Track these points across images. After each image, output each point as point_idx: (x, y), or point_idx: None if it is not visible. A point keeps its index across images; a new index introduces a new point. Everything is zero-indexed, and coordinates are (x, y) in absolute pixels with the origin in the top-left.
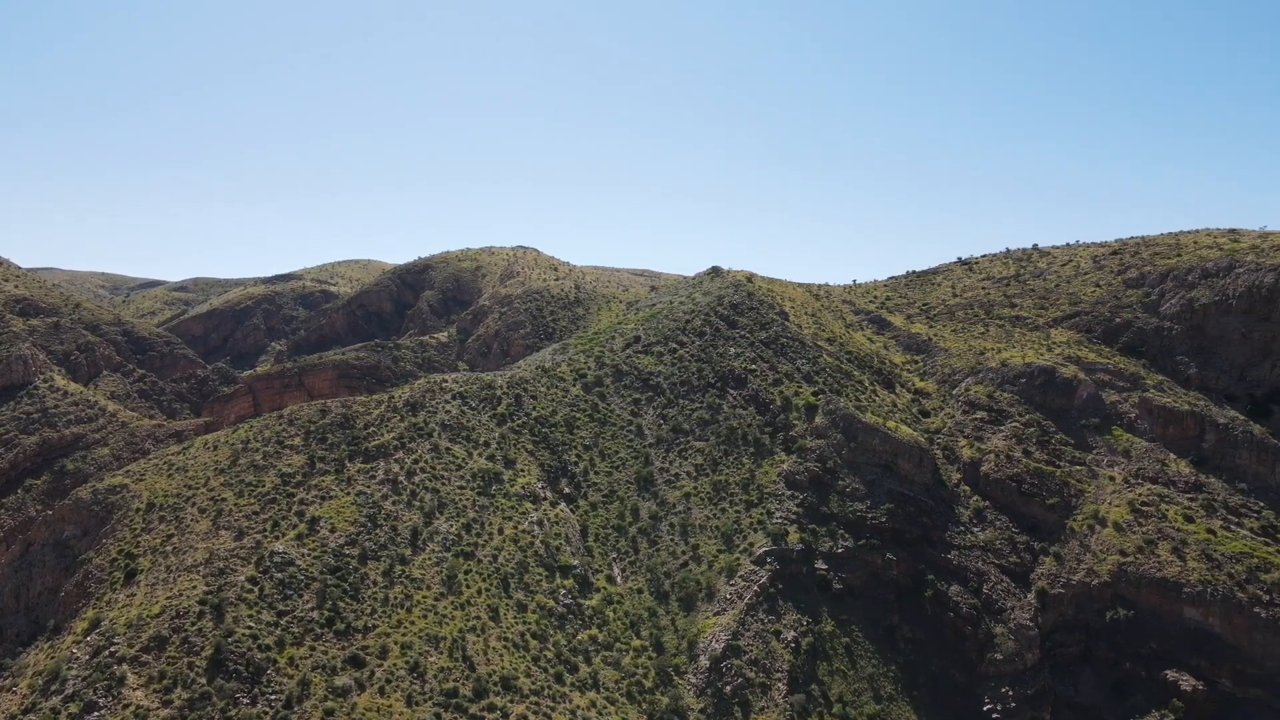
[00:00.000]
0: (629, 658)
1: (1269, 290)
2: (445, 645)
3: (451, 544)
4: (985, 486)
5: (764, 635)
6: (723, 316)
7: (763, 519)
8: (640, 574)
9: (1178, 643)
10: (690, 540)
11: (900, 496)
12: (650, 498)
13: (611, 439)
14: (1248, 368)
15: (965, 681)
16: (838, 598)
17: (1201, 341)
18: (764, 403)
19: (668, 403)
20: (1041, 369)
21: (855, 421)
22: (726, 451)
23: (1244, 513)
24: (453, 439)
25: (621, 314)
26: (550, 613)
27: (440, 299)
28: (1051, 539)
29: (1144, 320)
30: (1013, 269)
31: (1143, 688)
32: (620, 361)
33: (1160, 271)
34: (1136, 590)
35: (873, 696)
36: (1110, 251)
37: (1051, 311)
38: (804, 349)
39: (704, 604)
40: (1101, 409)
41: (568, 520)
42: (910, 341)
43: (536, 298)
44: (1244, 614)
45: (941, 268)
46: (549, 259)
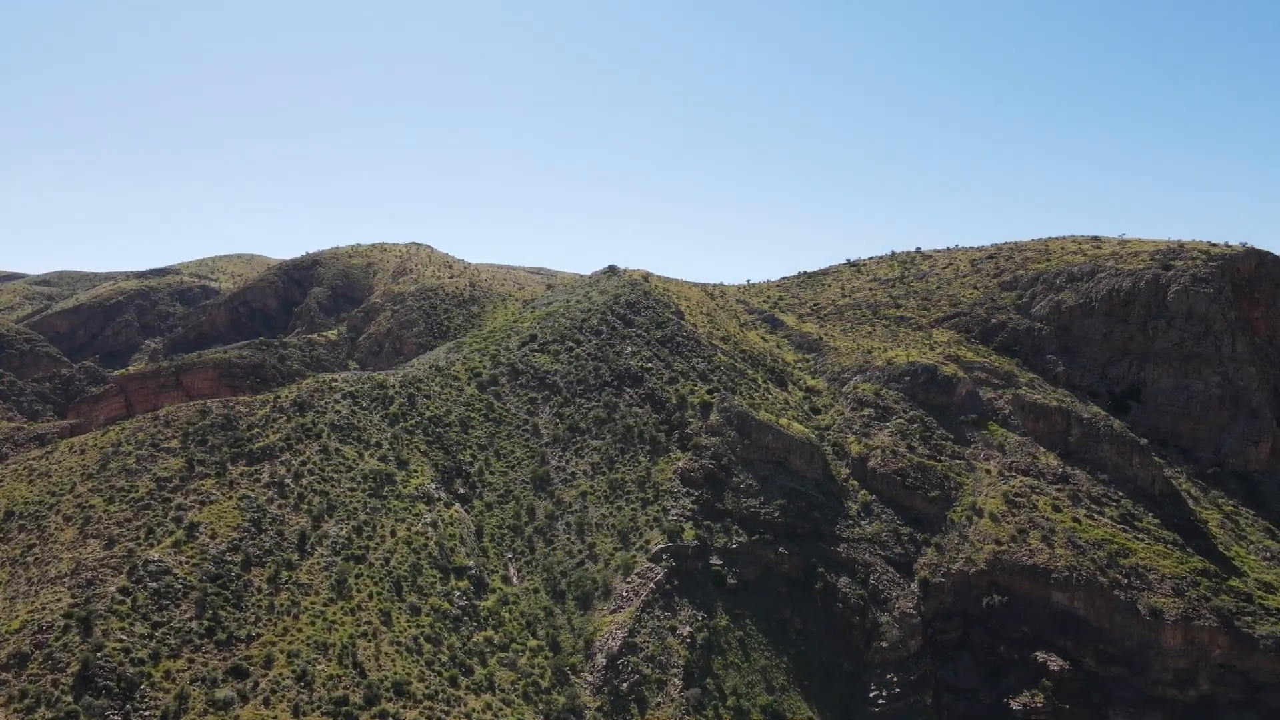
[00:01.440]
0: (525, 658)
1: (1127, 294)
2: (335, 652)
3: (341, 548)
4: (872, 481)
5: (660, 632)
6: (619, 315)
7: (659, 516)
8: (537, 574)
9: (1047, 626)
10: (587, 539)
11: (792, 492)
12: (546, 497)
13: (507, 438)
14: (1108, 366)
15: (853, 669)
16: (732, 592)
17: (1068, 341)
18: (660, 401)
19: (564, 401)
20: (924, 367)
21: (749, 419)
22: (623, 450)
23: (1105, 502)
24: (343, 440)
25: (518, 312)
26: (445, 615)
27: (330, 296)
28: (933, 530)
29: (1017, 321)
30: (898, 271)
31: (1016, 669)
32: (516, 360)
33: (1031, 275)
34: (1010, 577)
35: (765, 688)
36: (987, 256)
37: (933, 312)
38: (699, 348)
39: (601, 602)
40: (979, 405)
41: (462, 521)
42: (802, 341)
43: (430, 295)
44: (1105, 597)
45: (831, 269)
46: (443, 256)
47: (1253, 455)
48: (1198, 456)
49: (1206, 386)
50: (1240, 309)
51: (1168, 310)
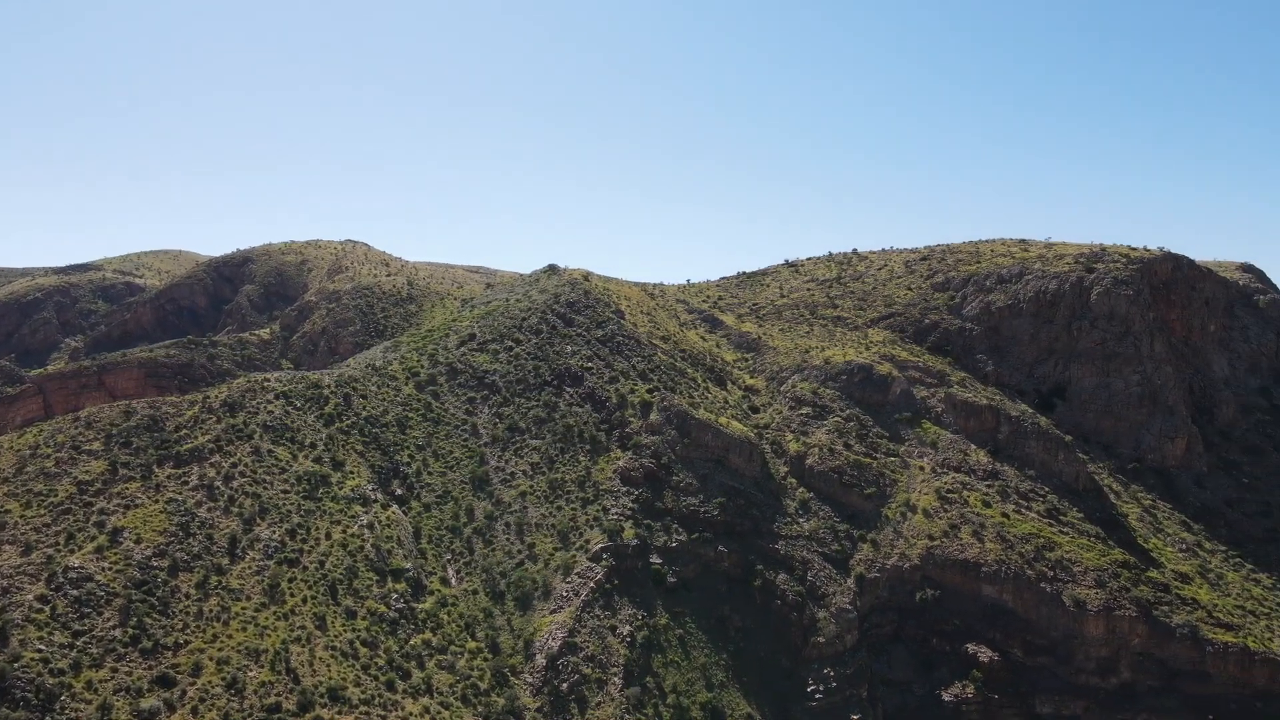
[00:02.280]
0: (464, 660)
1: (1052, 295)
2: (267, 658)
3: (274, 551)
4: (810, 479)
5: (600, 631)
6: (559, 315)
7: (599, 516)
8: (476, 575)
9: (977, 618)
10: (526, 539)
11: (732, 490)
12: (486, 497)
13: (445, 438)
14: (1035, 365)
15: (791, 665)
16: (672, 591)
17: (997, 341)
18: (600, 400)
19: (503, 401)
20: (860, 366)
21: (689, 418)
22: (563, 449)
23: (1032, 497)
24: (276, 441)
25: (456, 311)
26: (381, 618)
27: (262, 294)
28: (869, 526)
29: (949, 321)
30: (835, 272)
31: (947, 661)
32: (455, 359)
33: (963, 276)
34: (942, 571)
35: (705, 685)
36: (920, 257)
37: (869, 312)
38: (639, 347)
39: (540, 603)
40: (913, 404)
41: (400, 522)
42: (741, 340)
43: (367, 294)
44: (1032, 589)
45: (770, 269)
46: (380, 254)
47: (1169, 451)
48: (1119, 452)
49: (1127, 385)
50: (1158, 310)
51: (1091, 311)
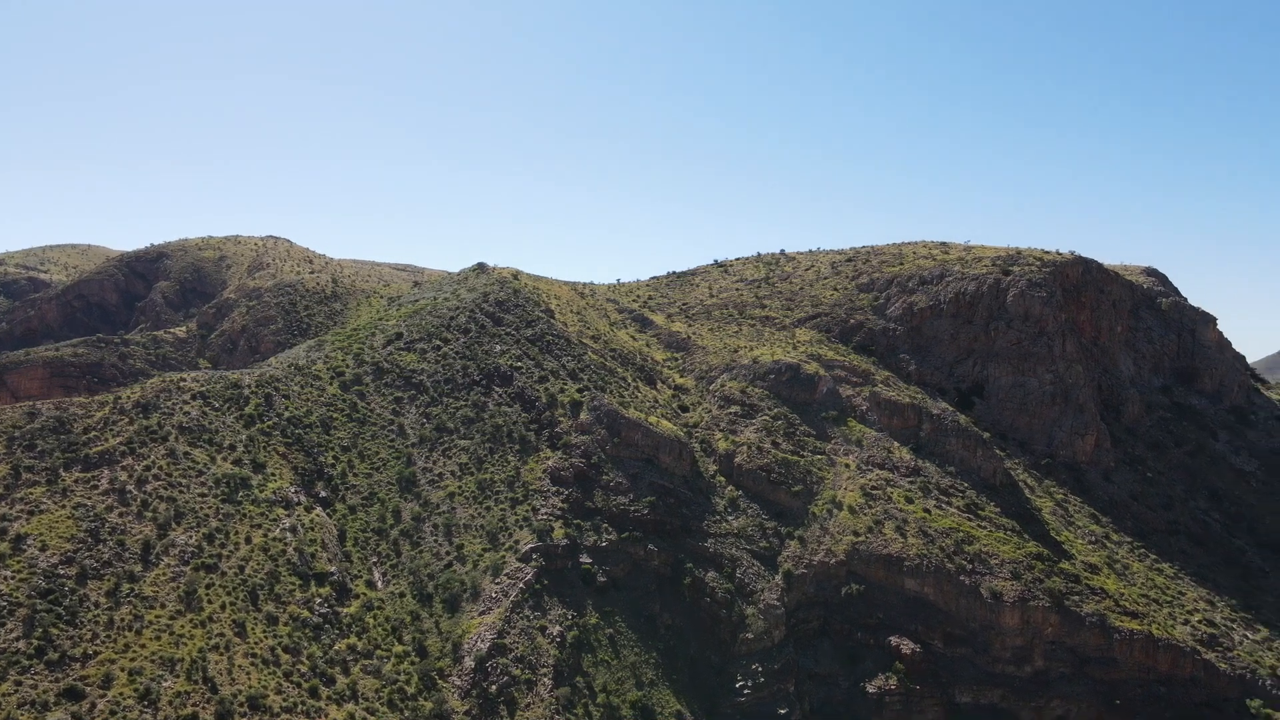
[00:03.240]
0: (390, 664)
1: (971, 297)
2: (183, 668)
3: (190, 557)
4: (739, 476)
5: (530, 632)
6: (488, 314)
7: (528, 516)
8: (403, 577)
9: (900, 612)
10: (455, 540)
11: (661, 489)
12: (413, 498)
13: (371, 439)
14: (955, 365)
15: (720, 661)
16: (602, 590)
17: (919, 341)
18: (529, 400)
19: (431, 401)
20: (788, 366)
21: (619, 417)
22: (492, 449)
23: (953, 493)
24: (193, 443)
25: (383, 310)
26: (304, 624)
27: (178, 290)
28: (796, 523)
29: (873, 322)
30: (763, 272)
31: (871, 654)
32: (381, 359)
33: (887, 278)
34: (867, 567)
35: (635, 684)
36: (846, 259)
37: (796, 312)
38: (569, 346)
39: (469, 604)
40: (839, 402)
41: (324, 525)
42: (671, 339)
43: (289, 291)
44: (952, 582)
45: (700, 269)
46: (303, 250)
47: (1079, 447)
48: (1033, 449)
49: (1040, 384)
50: (1069, 312)
51: (1007, 312)
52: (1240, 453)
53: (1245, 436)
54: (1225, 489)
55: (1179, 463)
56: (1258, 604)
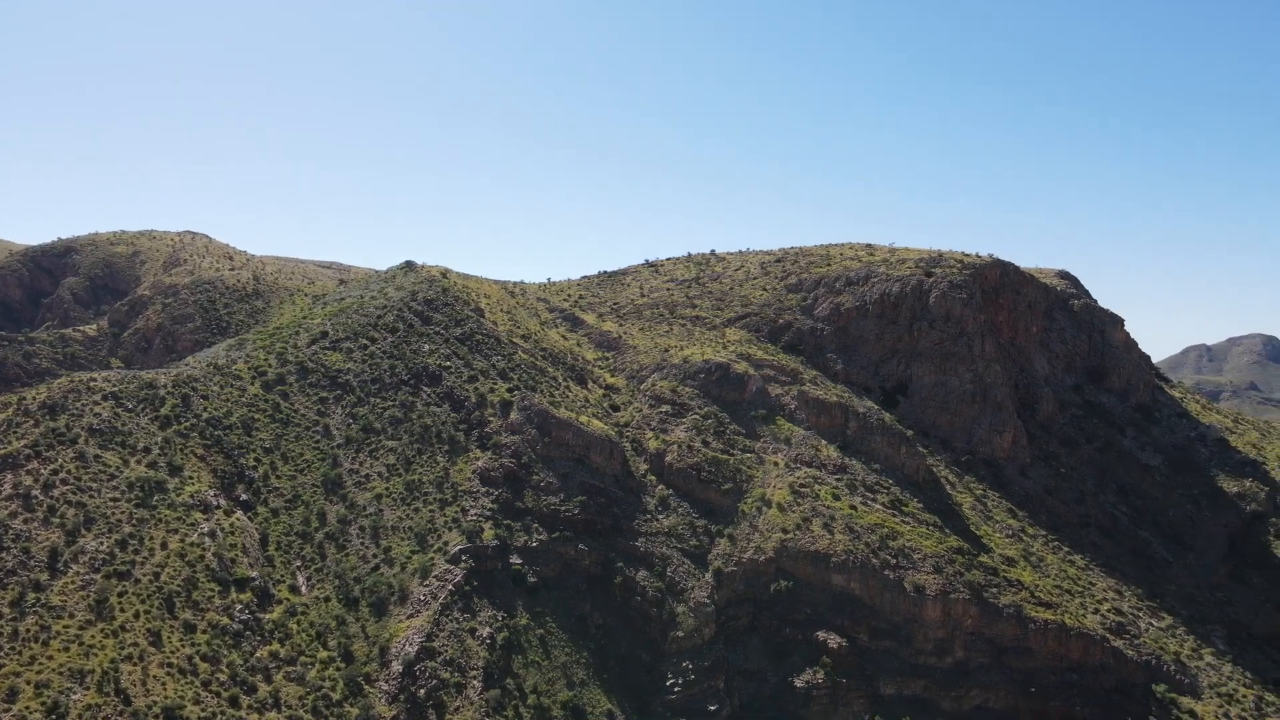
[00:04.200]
0: (315, 671)
1: (895, 298)
2: (94, 679)
3: (102, 564)
4: (669, 475)
5: (459, 634)
6: (416, 312)
7: (457, 517)
8: (328, 581)
9: (827, 607)
10: (382, 543)
11: (592, 489)
12: (339, 501)
13: (295, 440)
14: (881, 364)
15: (651, 659)
16: (532, 590)
17: (846, 341)
18: (459, 400)
19: (358, 401)
20: (718, 365)
21: (549, 417)
22: (420, 450)
23: (878, 489)
24: (104, 445)
25: (307, 308)
26: (224, 631)
27: (88, 287)
28: (726, 521)
29: (801, 322)
30: (693, 272)
31: (799, 649)
32: (305, 358)
33: (814, 279)
34: (795, 563)
35: (566, 684)
36: (775, 259)
37: (726, 312)
38: (499, 346)
39: (397, 607)
40: (768, 401)
41: (245, 529)
42: (602, 339)
43: (208, 288)
44: (877, 577)
45: (631, 269)
46: (222, 246)
47: (997, 444)
48: (954, 446)
49: (961, 383)
50: (988, 313)
51: (929, 313)
52: (1146, 448)
53: (1150, 433)
54: (1132, 483)
55: (1089, 458)
56: (1162, 593)
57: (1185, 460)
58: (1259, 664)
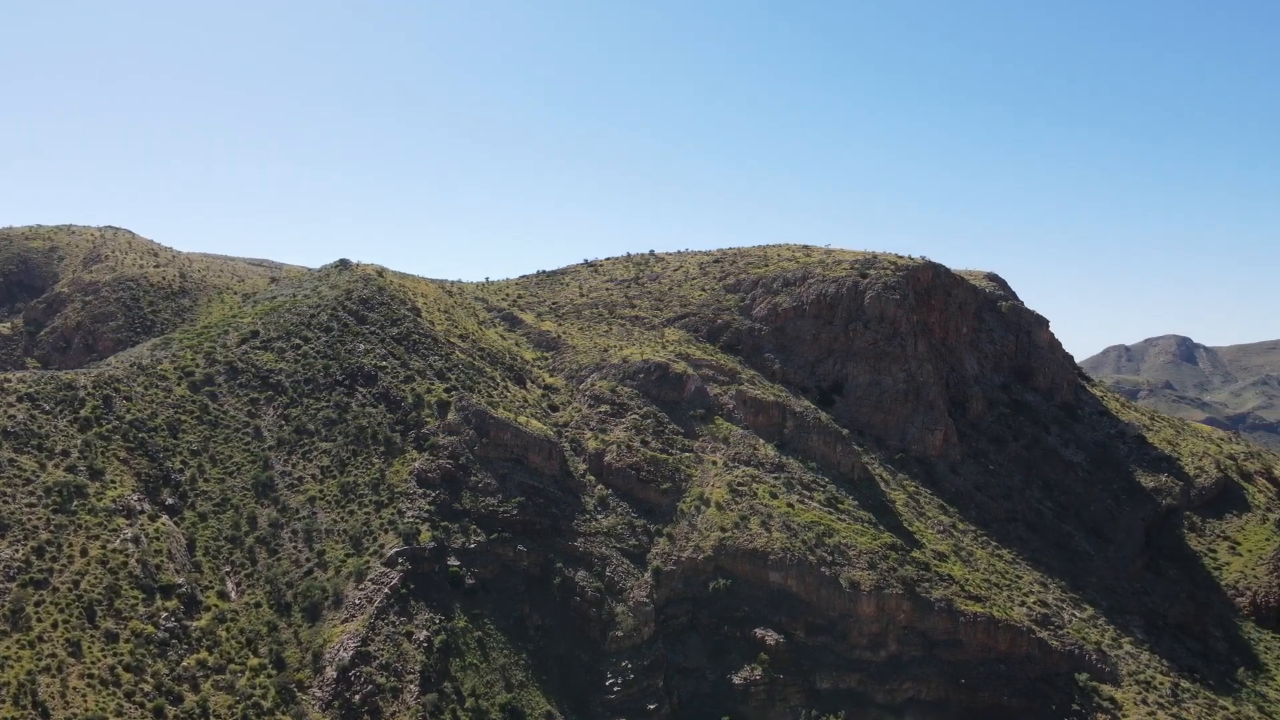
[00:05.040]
0: (245, 679)
1: (832, 299)
2: (9, 692)
3: (17, 572)
4: (608, 475)
5: (395, 638)
6: (351, 312)
7: (394, 519)
8: (259, 586)
9: (764, 604)
10: (316, 546)
11: (531, 489)
12: (270, 504)
13: (225, 442)
14: (817, 364)
15: (590, 660)
16: (471, 593)
17: (783, 341)
18: (395, 400)
19: (290, 402)
20: (657, 365)
21: (487, 417)
22: (355, 452)
23: (814, 487)
24: (19, 448)
25: (237, 307)
26: (149, 640)
27: (1, 284)
28: (665, 521)
29: (740, 322)
30: (633, 272)
31: (737, 647)
32: (235, 358)
33: (752, 279)
34: (733, 561)
35: (504, 686)
36: (714, 260)
37: (665, 312)
38: (437, 346)
39: (331, 612)
40: (706, 401)
41: (171, 534)
42: (541, 339)
43: (131, 286)
44: (813, 574)
45: (570, 269)
46: (146, 242)
47: (930, 442)
48: (888, 444)
49: (894, 382)
50: (920, 313)
51: (864, 314)
52: (1069, 445)
53: (1073, 430)
54: (1056, 479)
55: (1016, 455)
56: (1084, 584)
57: (1106, 456)
58: (1174, 652)
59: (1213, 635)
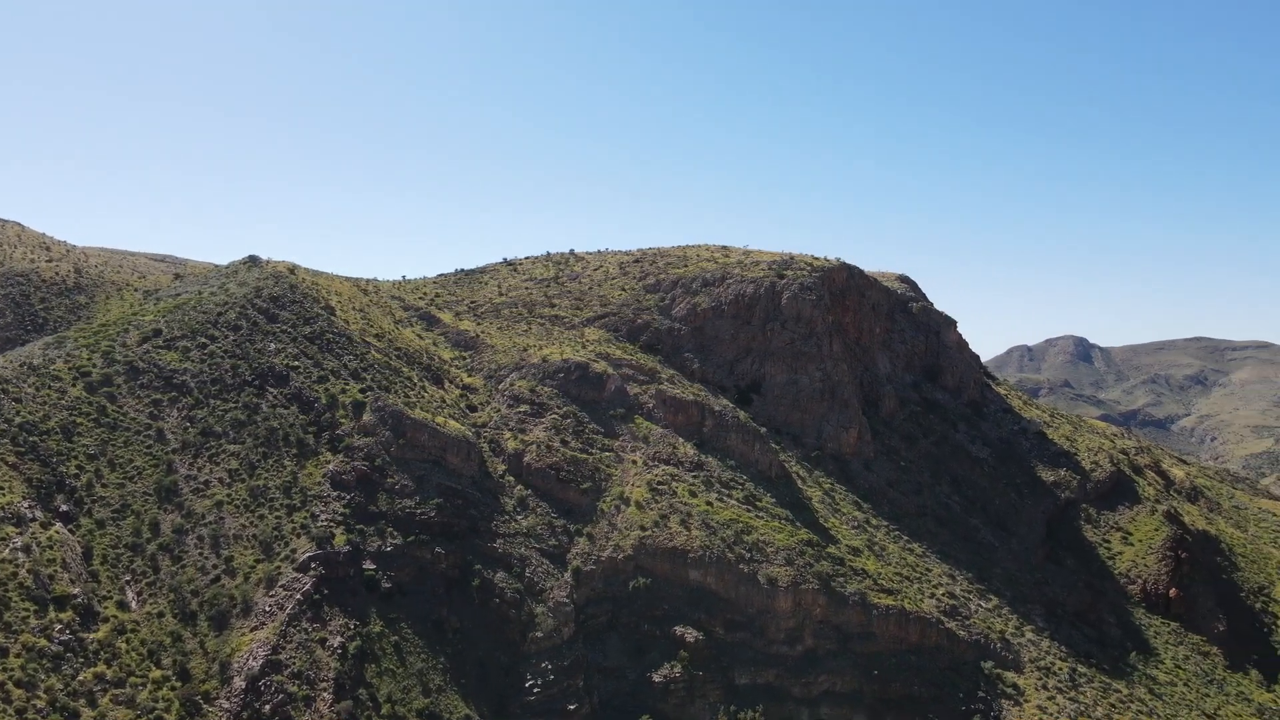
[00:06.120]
0: (146, 692)
1: (750, 299)
2: None
3: None
4: (528, 476)
5: (308, 645)
6: (261, 310)
7: (306, 523)
8: (162, 595)
9: (684, 602)
10: (223, 552)
11: (449, 490)
12: (174, 509)
13: (124, 446)
14: (735, 363)
15: (510, 662)
16: (387, 596)
17: (703, 340)
18: (308, 401)
19: (196, 403)
20: (577, 364)
21: (404, 418)
22: (266, 454)
23: (733, 485)
24: None
25: (138, 304)
26: (41, 654)
27: None
28: (585, 520)
29: (659, 321)
30: (553, 271)
31: (658, 645)
32: (136, 358)
33: (672, 279)
34: (653, 560)
35: (422, 691)
36: (634, 260)
37: (585, 312)
38: (351, 345)
39: (239, 620)
40: (626, 400)
41: (65, 542)
42: (459, 338)
43: (21, 281)
44: (732, 571)
45: (489, 268)
46: (37, 235)
47: (844, 440)
48: (804, 442)
49: (811, 381)
50: (835, 314)
51: (782, 314)
52: (976, 442)
53: (979, 427)
54: (963, 474)
55: (926, 452)
56: (989, 576)
57: (1009, 452)
58: (1072, 638)
59: (1107, 621)
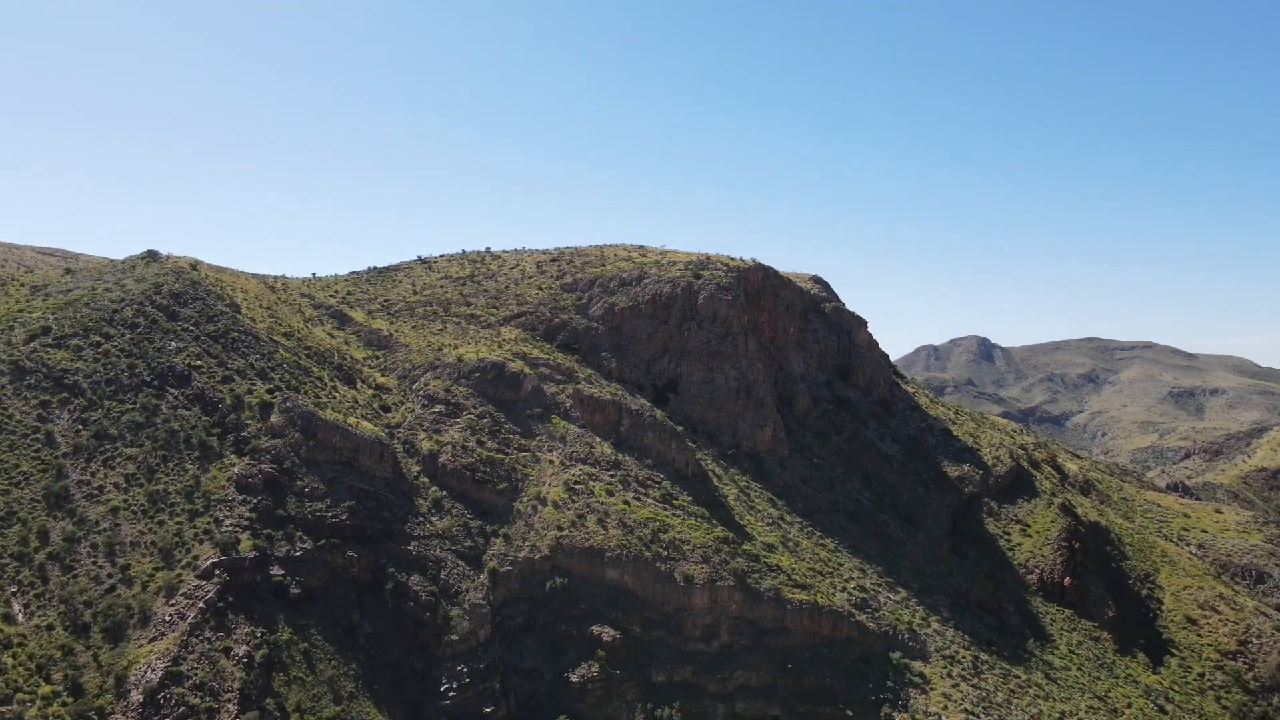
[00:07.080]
0: (35, 708)
1: (667, 298)
2: None
3: None
4: (443, 477)
5: (211, 655)
6: (161, 307)
7: (210, 528)
8: (51, 607)
9: (601, 601)
10: (119, 561)
11: (361, 493)
12: (65, 516)
13: (9, 450)
14: (653, 362)
15: (424, 666)
16: (296, 603)
17: (620, 340)
18: (211, 402)
19: (89, 405)
20: (493, 364)
21: (314, 419)
22: (166, 458)
23: (650, 484)
24: None
25: (24, 300)
26: None
27: None
28: (502, 521)
29: (577, 321)
30: (468, 270)
31: (575, 645)
32: (23, 356)
33: (590, 278)
34: (570, 560)
35: (333, 699)
36: (551, 259)
37: (502, 311)
38: (258, 344)
39: (137, 631)
40: (543, 400)
41: None
42: (372, 337)
43: None
44: (649, 569)
45: (403, 265)
46: None
47: (759, 438)
48: (720, 440)
49: (727, 380)
50: (751, 314)
51: (698, 314)
52: (885, 439)
53: (889, 425)
54: (874, 471)
55: (838, 449)
56: (898, 569)
57: (917, 449)
58: (975, 628)
59: (1007, 610)
